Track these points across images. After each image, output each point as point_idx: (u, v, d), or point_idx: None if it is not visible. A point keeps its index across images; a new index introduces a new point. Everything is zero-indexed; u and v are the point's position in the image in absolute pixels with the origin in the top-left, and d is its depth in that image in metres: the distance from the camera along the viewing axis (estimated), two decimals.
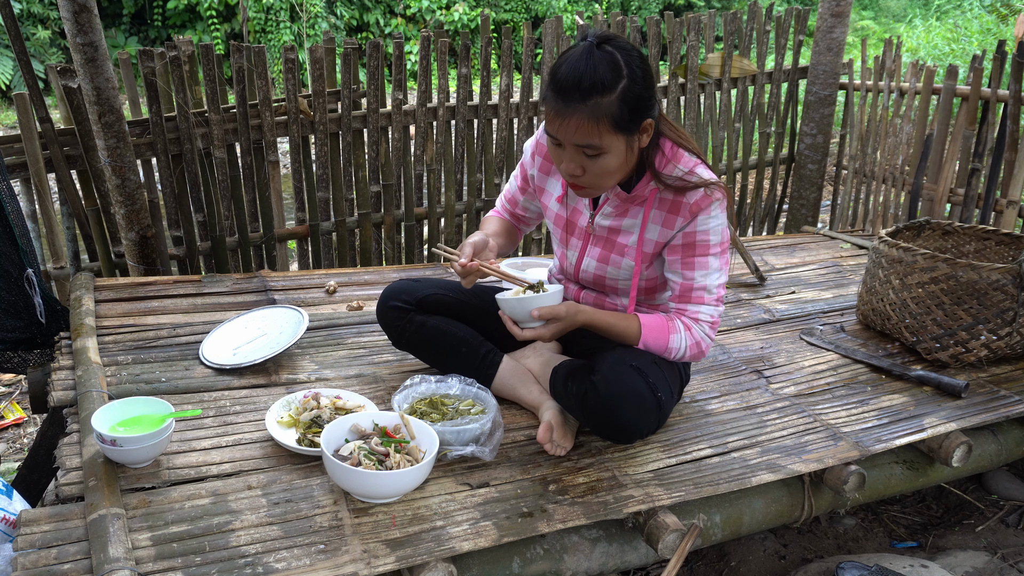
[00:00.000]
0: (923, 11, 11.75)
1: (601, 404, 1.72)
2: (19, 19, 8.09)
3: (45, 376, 2.07)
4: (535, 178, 1.97)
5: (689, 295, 1.80)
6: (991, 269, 2.23)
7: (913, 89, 3.72)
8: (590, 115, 1.55)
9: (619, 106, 1.56)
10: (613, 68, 1.55)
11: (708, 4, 13.16)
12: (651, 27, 3.89)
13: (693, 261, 1.77)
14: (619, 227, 1.83)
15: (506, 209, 2.09)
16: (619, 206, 1.81)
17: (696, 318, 1.81)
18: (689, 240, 1.75)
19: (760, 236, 4.11)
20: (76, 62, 2.48)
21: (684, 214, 1.73)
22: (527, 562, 1.57)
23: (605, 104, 1.55)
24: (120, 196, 2.69)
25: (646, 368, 1.76)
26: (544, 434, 1.78)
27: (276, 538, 1.46)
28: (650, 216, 1.77)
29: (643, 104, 1.61)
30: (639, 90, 1.58)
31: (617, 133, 1.59)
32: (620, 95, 1.56)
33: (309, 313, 2.33)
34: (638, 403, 1.72)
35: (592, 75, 1.54)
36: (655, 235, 1.78)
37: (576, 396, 1.76)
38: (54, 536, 1.40)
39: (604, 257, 1.86)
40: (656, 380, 1.76)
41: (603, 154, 1.61)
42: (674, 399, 1.90)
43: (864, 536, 2.29)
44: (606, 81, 1.54)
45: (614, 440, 1.82)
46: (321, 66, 3.21)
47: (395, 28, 11.00)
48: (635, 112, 1.59)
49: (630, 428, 1.76)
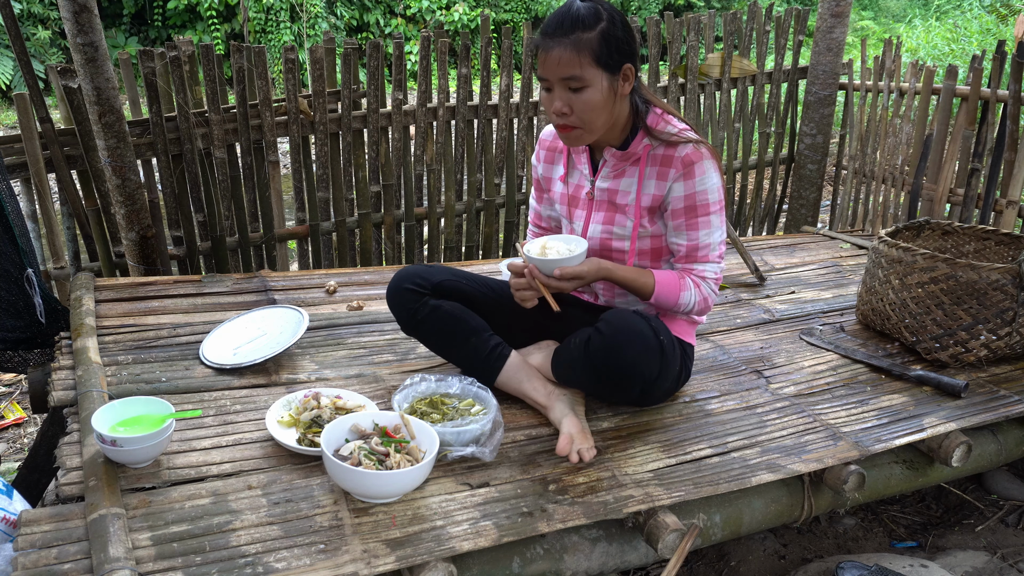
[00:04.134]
0: (923, 11, 11.75)
1: (604, 344, 1.77)
2: (19, 19, 8.09)
3: (45, 376, 2.07)
4: (542, 176, 2.09)
5: (695, 254, 1.90)
6: (991, 269, 2.23)
7: (913, 89, 3.72)
8: (572, 46, 1.69)
9: (599, 41, 1.70)
10: (594, 12, 1.71)
11: (708, 4, 13.16)
12: (651, 27, 3.89)
13: (696, 222, 1.87)
14: (617, 188, 1.92)
15: (536, 230, 2.20)
16: (616, 166, 1.91)
17: (703, 276, 1.91)
18: (690, 202, 1.85)
19: (760, 236, 4.11)
20: (76, 62, 2.49)
21: (676, 165, 1.84)
22: (527, 562, 1.57)
23: (586, 38, 1.70)
24: (120, 196, 2.69)
25: (649, 315, 1.87)
26: (565, 446, 1.75)
27: (276, 538, 1.46)
28: (645, 172, 1.88)
29: (623, 47, 1.74)
30: (619, 33, 1.73)
31: (597, 66, 1.71)
32: (600, 33, 1.70)
33: (309, 313, 2.33)
34: (641, 342, 1.78)
35: (574, 15, 1.70)
36: (651, 188, 1.88)
37: (580, 342, 1.83)
38: (54, 536, 1.40)
39: (608, 219, 1.95)
40: (658, 326, 1.84)
41: (586, 87, 1.72)
42: (676, 354, 1.91)
43: (864, 536, 2.29)
44: (587, 20, 1.70)
45: (618, 394, 1.90)
46: (321, 66, 3.21)
47: (395, 28, 11.00)
48: (615, 51, 1.72)
49: (632, 370, 1.79)
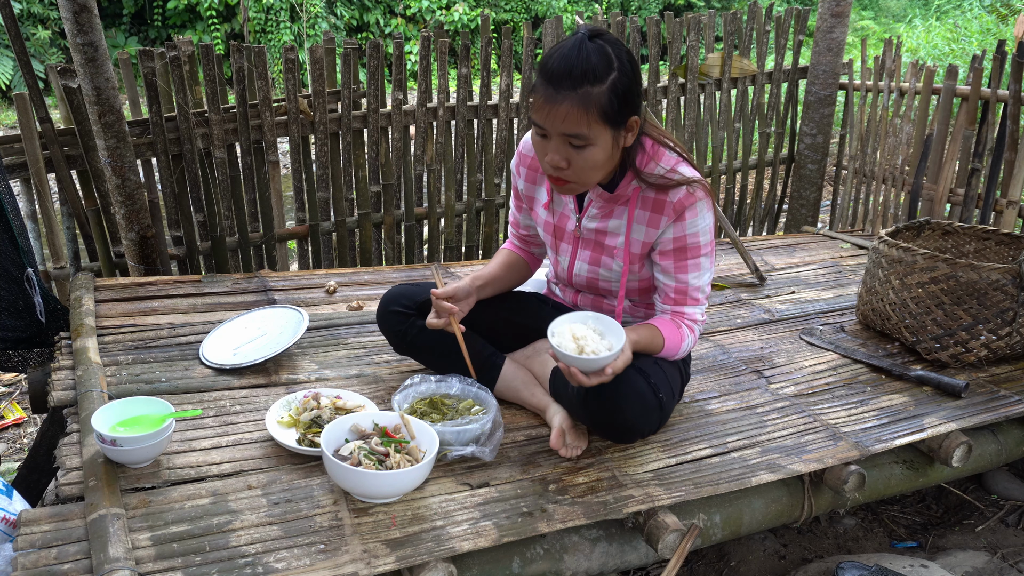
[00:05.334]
0: (923, 11, 11.75)
1: (602, 405, 1.72)
2: (19, 19, 8.09)
3: (45, 376, 2.07)
4: (523, 192, 1.96)
5: (685, 297, 1.82)
6: (991, 269, 2.23)
7: (913, 89, 3.72)
8: (580, 103, 1.54)
9: (609, 97, 1.55)
10: (605, 59, 1.55)
11: (708, 4, 13.15)
12: (651, 27, 3.89)
13: (686, 264, 1.78)
14: (605, 229, 1.83)
15: (515, 235, 2.08)
16: (603, 207, 1.81)
17: (695, 320, 1.84)
18: (680, 244, 1.76)
19: (760, 236, 4.11)
20: (76, 62, 2.48)
21: (668, 213, 1.73)
22: (527, 562, 1.57)
23: (595, 94, 1.54)
24: (120, 196, 2.69)
25: (647, 368, 1.77)
26: (557, 440, 1.77)
27: (276, 538, 1.46)
28: (634, 216, 1.77)
29: (631, 99, 1.60)
30: (628, 84, 1.59)
31: (605, 125, 1.58)
32: (610, 86, 1.55)
33: (309, 313, 2.33)
34: (640, 403, 1.73)
35: (584, 64, 1.53)
36: (641, 235, 1.79)
37: (577, 396, 1.76)
38: (54, 536, 1.40)
39: (595, 260, 1.87)
40: (657, 380, 1.77)
41: (590, 145, 1.60)
42: (675, 398, 1.90)
43: (864, 536, 2.29)
44: (598, 71, 1.54)
45: (615, 440, 1.82)
46: (321, 66, 3.21)
47: (395, 28, 11.00)
48: (623, 106, 1.59)
49: (631, 428, 1.77)
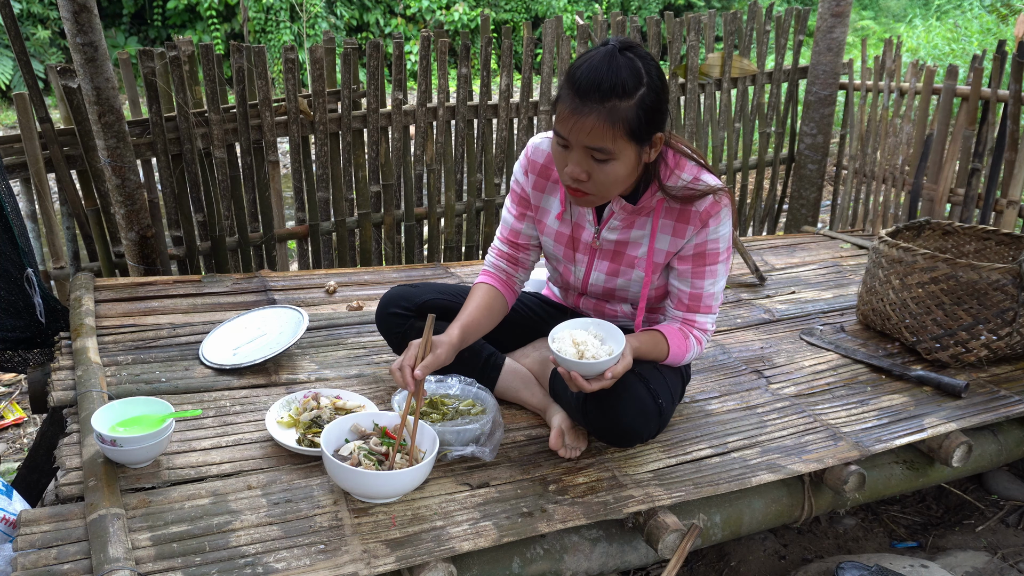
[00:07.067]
0: (923, 11, 11.74)
1: (601, 410, 1.72)
2: (19, 19, 8.09)
3: (45, 376, 2.07)
4: (532, 201, 1.87)
5: (698, 304, 1.81)
6: (991, 269, 2.23)
7: (913, 89, 3.72)
8: (607, 117, 1.51)
9: (636, 113, 1.53)
10: (634, 74, 1.52)
11: (708, 4, 13.15)
12: (651, 27, 3.89)
13: (704, 270, 1.77)
14: (627, 239, 1.79)
15: (505, 252, 1.92)
16: (625, 219, 1.77)
17: (704, 329, 1.84)
18: (700, 250, 1.75)
19: (760, 236, 4.11)
20: (76, 62, 2.48)
21: (695, 223, 1.71)
22: (527, 562, 1.57)
23: (623, 108, 1.51)
24: (120, 196, 2.69)
25: (648, 374, 1.77)
26: (556, 440, 1.77)
27: (276, 538, 1.46)
28: (659, 226, 1.75)
29: (658, 115, 1.57)
30: (656, 100, 1.56)
31: (630, 140, 1.55)
32: (638, 102, 1.52)
33: (309, 313, 2.33)
34: (639, 409, 1.73)
35: (614, 78, 1.50)
36: (666, 245, 1.76)
37: (576, 400, 1.76)
38: (54, 536, 1.40)
39: (613, 270, 1.84)
40: (657, 386, 1.77)
41: (612, 160, 1.57)
42: (675, 403, 1.90)
43: (864, 536, 2.29)
44: (627, 85, 1.51)
45: (614, 444, 1.82)
46: (321, 66, 3.21)
47: (395, 28, 11.00)
48: (650, 122, 1.56)
49: (630, 433, 1.77)
